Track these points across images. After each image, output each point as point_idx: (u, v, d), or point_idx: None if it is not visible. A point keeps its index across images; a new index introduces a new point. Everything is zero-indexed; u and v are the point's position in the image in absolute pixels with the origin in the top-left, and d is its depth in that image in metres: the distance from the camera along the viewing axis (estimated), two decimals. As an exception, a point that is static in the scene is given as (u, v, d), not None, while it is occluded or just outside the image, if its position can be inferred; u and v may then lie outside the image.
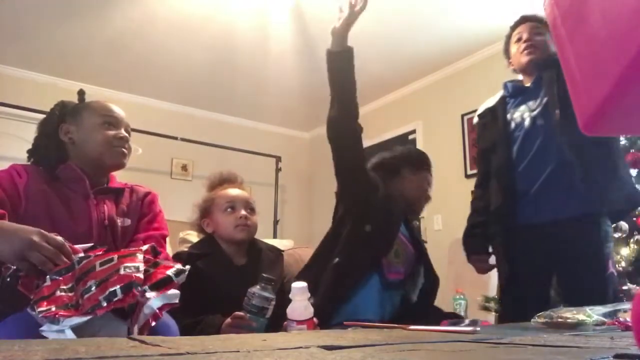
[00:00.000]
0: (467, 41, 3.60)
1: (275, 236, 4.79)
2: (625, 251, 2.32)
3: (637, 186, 1.65)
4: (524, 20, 1.84)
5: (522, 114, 1.73)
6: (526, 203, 1.65)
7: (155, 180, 4.38)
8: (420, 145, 4.34)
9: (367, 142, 2.96)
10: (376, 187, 1.58)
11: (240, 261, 1.54)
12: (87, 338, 0.86)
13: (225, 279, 1.43)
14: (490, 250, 1.79)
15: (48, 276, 0.91)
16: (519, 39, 1.79)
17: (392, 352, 0.53)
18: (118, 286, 0.88)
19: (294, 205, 5.38)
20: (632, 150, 2.49)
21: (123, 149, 1.30)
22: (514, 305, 1.66)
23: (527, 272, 1.64)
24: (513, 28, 1.86)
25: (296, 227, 5.23)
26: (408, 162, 1.71)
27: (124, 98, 4.45)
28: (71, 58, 3.94)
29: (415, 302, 1.57)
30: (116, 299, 0.86)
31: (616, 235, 2.35)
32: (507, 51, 1.90)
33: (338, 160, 1.53)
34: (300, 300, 1.14)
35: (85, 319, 0.84)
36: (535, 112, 1.69)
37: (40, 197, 1.16)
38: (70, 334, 0.81)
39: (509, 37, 1.87)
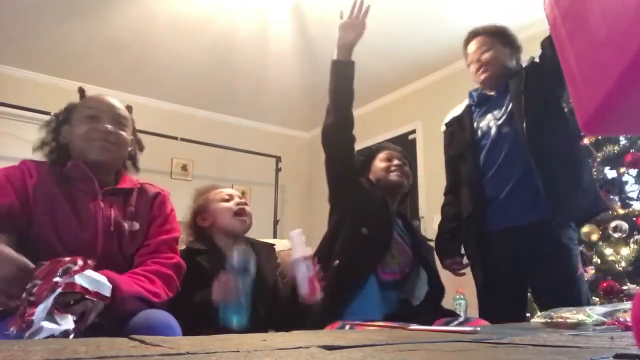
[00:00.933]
0: (467, 41, 3.60)
1: (275, 236, 4.79)
2: (625, 251, 2.32)
3: (600, 192, 1.69)
4: (471, 36, 1.83)
5: (488, 123, 1.74)
6: (495, 209, 1.68)
7: (155, 181, 4.35)
8: (420, 145, 4.34)
9: (367, 142, 2.97)
10: (368, 193, 1.62)
11: None
12: (86, 338, 0.86)
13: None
14: (463, 251, 1.81)
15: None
16: (471, 61, 1.81)
17: (392, 352, 0.53)
18: (60, 269, 0.87)
19: (294, 205, 5.39)
20: (632, 150, 2.49)
21: (104, 143, 1.20)
22: (492, 310, 1.67)
23: (501, 276, 1.67)
24: (464, 46, 1.85)
25: (296, 227, 5.21)
26: (371, 153, 1.76)
27: (124, 98, 4.42)
28: (71, 58, 3.95)
29: (416, 306, 1.57)
30: (71, 270, 0.87)
31: (616, 235, 2.35)
32: (468, 65, 1.89)
33: (331, 168, 1.60)
34: (299, 243, 1.32)
35: (49, 302, 0.83)
36: (500, 121, 1.71)
37: (47, 200, 1.13)
38: (48, 327, 0.81)
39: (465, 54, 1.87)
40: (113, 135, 1.21)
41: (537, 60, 1.73)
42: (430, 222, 3.94)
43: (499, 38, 1.79)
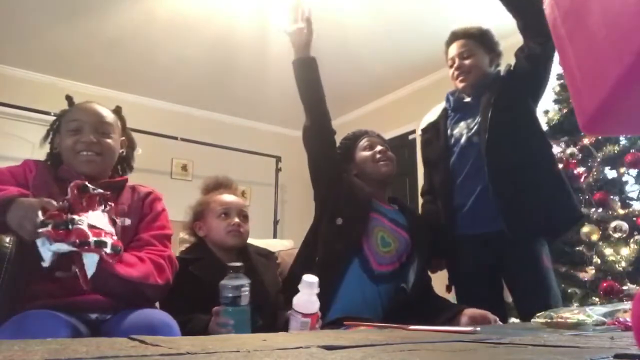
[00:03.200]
0: (467, 41, 3.61)
1: (275, 236, 4.79)
2: (625, 251, 2.32)
3: (575, 205, 1.65)
4: (453, 38, 1.82)
5: (461, 131, 1.75)
6: (463, 216, 1.69)
7: (155, 180, 4.37)
8: (420, 145, 4.34)
9: (367, 142, 2.96)
10: (347, 186, 1.60)
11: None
12: (87, 338, 0.86)
13: (218, 282, 1.42)
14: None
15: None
16: (451, 64, 1.79)
17: (392, 352, 0.53)
18: (111, 241, 0.97)
19: (294, 205, 5.38)
20: (632, 150, 2.49)
21: (88, 154, 1.21)
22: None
23: (472, 278, 1.68)
24: (446, 46, 1.84)
25: (296, 227, 5.21)
26: (350, 144, 1.72)
27: (124, 98, 4.45)
28: (71, 58, 3.95)
29: (410, 292, 1.54)
30: (105, 250, 0.95)
31: (616, 235, 2.35)
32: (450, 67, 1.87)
33: (314, 167, 1.62)
34: (308, 294, 1.15)
35: (71, 248, 0.92)
36: (472, 131, 1.70)
37: (44, 191, 1.17)
38: (48, 257, 0.92)
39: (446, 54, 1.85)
40: (96, 145, 1.22)
41: (512, 69, 1.73)
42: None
43: (481, 43, 1.78)
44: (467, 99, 1.77)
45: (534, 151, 1.64)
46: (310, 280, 1.16)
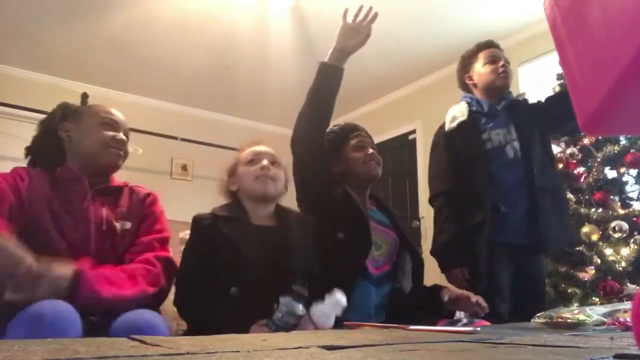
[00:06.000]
0: (467, 41, 3.57)
1: (275, 236, 4.78)
2: (625, 251, 2.32)
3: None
4: (495, 45, 1.93)
5: (501, 139, 1.80)
6: (510, 224, 1.72)
7: (155, 180, 4.38)
8: (420, 145, 4.34)
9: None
10: (337, 195, 1.55)
11: (267, 222, 1.43)
12: (87, 338, 0.86)
13: (248, 241, 1.31)
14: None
15: None
16: (494, 61, 1.86)
17: (392, 352, 0.53)
18: None
19: (294, 205, 5.37)
20: (632, 150, 2.49)
21: (119, 151, 1.30)
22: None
23: (501, 288, 1.72)
24: (482, 47, 1.93)
25: (296, 227, 5.22)
26: (340, 139, 1.67)
27: (124, 98, 4.45)
28: (71, 58, 3.94)
29: (408, 291, 1.53)
30: None
31: (616, 235, 2.36)
32: (467, 65, 1.94)
33: (302, 173, 1.55)
34: (330, 310, 1.14)
35: None
36: (514, 142, 1.79)
37: (43, 202, 1.17)
38: None
39: (474, 53, 1.93)
40: (125, 146, 1.33)
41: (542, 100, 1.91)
42: (430, 222, 3.93)
43: None
44: (498, 107, 1.86)
45: (558, 176, 1.90)
46: (341, 302, 1.14)
